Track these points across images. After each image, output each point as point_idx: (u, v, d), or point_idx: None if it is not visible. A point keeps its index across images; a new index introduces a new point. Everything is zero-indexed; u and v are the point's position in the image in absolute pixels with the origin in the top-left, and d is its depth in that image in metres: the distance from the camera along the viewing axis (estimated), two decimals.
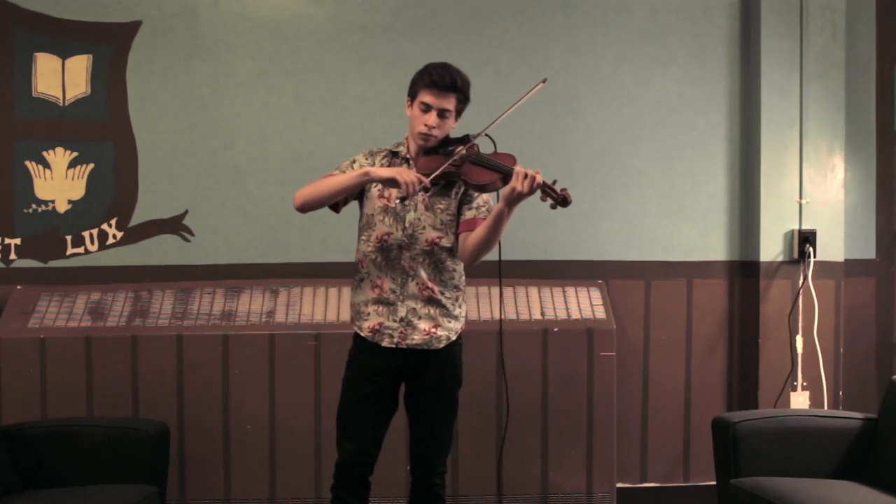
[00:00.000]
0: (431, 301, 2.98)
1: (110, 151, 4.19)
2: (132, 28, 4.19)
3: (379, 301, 2.98)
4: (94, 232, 4.19)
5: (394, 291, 2.96)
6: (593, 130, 4.34)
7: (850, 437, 3.49)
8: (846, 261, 4.39)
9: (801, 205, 4.31)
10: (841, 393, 4.34)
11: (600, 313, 4.11)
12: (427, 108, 2.93)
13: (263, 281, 4.17)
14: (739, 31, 4.38)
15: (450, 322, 3.01)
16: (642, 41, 4.35)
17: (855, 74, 4.44)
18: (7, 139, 4.15)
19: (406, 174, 2.80)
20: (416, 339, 2.96)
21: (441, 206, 2.98)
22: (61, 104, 4.17)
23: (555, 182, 2.84)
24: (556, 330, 4.04)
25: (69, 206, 4.18)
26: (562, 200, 2.82)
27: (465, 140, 2.99)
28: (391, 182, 2.83)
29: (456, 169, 2.91)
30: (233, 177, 4.23)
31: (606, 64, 4.34)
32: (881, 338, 4.53)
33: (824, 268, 4.31)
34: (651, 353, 4.36)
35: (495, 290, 4.13)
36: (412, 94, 2.98)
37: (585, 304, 4.16)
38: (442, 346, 3.00)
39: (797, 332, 4.28)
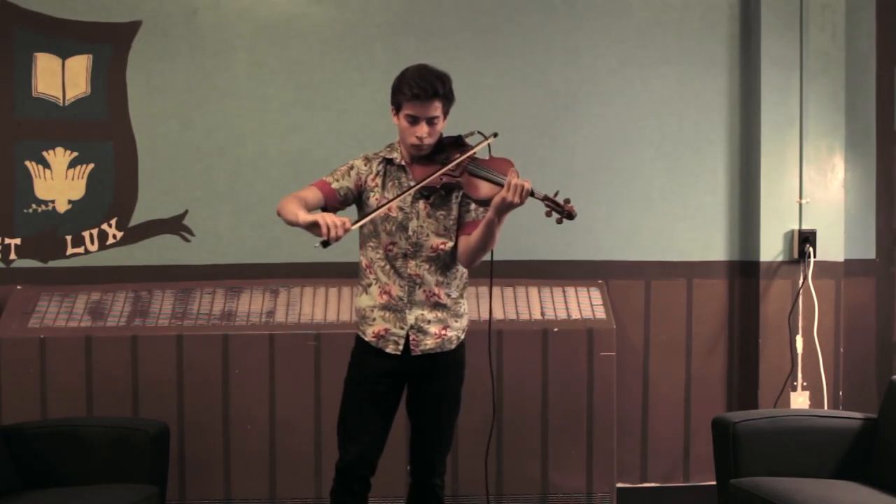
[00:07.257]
0: (438, 306, 3.00)
1: (110, 151, 4.19)
2: (132, 28, 4.19)
3: (386, 307, 2.98)
4: (94, 232, 4.19)
5: (402, 299, 2.97)
6: (593, 130, 4.34)
7: (850, 437, 3.49)
8: (846, 261, 4.38)
9: (801, 205, 4.31)
10: (841, 393, 4.34)
11: (600, 313, 4.11)
12: (415, 120, 2.89)
13: (263, 281, 4.16)
14: (739, 31, 4.38)
15: (457, 321, 3.04)
16: (642, 41, 4.35)
17: (855, 74, 4.44)
18: (7, 139, 4.15)
19: (329, 218, 2.72)
20: (429, 343, 2.98)
21: (443, 213, 2.98)
22: (61, 104, 4.17)
23: (556, 194, 2.85)
24: (556, 330, 4.04)
25: (69, 206, 4.18)
26: (567, 214, 2.83)
27: (458, 142, 2.99)
28: (314, 226, 2.73)
29: (455, 179, 2.91)
30: (233, 177, 4.23)
31: (606, 63, 4.34)
32: (881, 338, 4.52)
33: (824, 268, 4.31)
34: (651, 353, 4.36)
35: (496, 291, 4.13)
36: (396, 105, 2.94)
37: (585, 304, 4.15)
38: (454, 346, 3.03)
39: (797, 332, 4.28)
